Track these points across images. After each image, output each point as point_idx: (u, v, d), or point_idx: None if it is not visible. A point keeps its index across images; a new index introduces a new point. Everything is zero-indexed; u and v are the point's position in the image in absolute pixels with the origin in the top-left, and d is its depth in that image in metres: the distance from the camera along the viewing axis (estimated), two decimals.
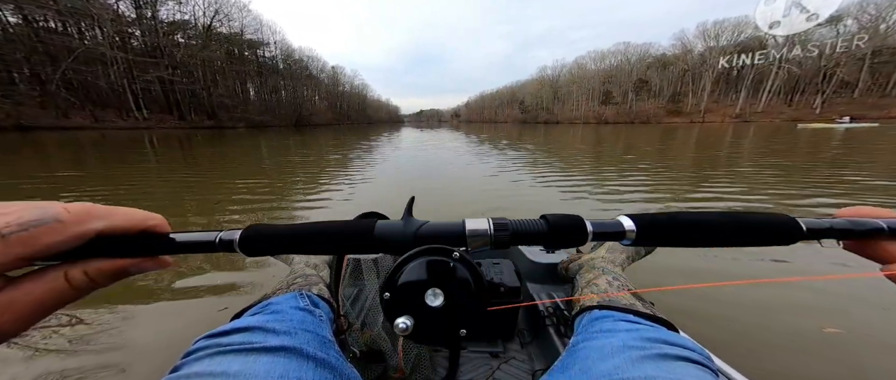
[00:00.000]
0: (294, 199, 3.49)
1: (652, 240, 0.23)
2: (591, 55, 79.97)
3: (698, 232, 0.22)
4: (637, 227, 0.22)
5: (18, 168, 5.53)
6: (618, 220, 0.23)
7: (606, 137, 14.58)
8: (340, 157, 7.38)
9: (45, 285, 0.17)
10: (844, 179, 4.01)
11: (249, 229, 0.23)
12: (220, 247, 0.22)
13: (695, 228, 0.22)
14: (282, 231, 0.23)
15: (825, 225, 0.21)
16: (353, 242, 0.23)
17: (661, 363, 0.33)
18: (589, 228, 0.23)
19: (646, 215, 0.23)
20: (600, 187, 3.86)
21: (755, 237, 0.22)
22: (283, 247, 0.23)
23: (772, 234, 0.22)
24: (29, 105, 23.64)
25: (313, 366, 0.35)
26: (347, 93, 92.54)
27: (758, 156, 6.57)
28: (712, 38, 60.55)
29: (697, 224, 0.22)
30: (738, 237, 0.22)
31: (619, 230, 0.23)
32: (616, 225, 0.23)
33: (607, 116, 70.79)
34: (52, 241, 0.17)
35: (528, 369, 0.67)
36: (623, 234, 0.22)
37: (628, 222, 0.22)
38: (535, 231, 0.23)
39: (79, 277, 0.18)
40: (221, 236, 0.22)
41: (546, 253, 0.97)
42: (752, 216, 0.22)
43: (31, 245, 0.16)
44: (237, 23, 44.53)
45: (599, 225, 0.23)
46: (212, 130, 28.23)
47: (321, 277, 0.62)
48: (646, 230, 0.22)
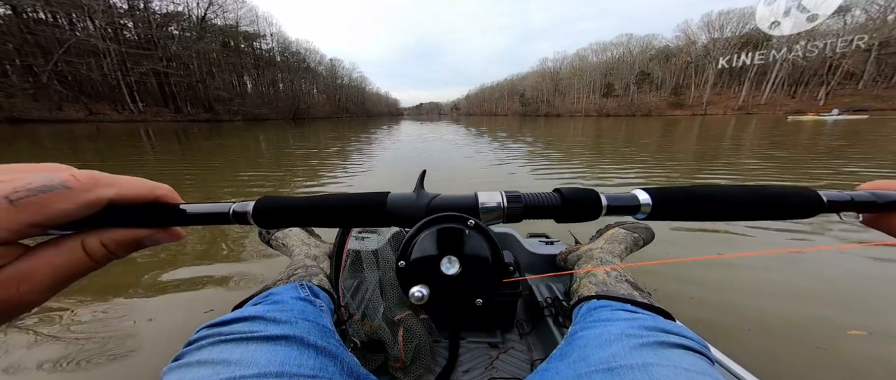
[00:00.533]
0: (298, 191, 3.49)
1: (668, 214, 0.22)
2: (592, 47, 79.05)
3: (715, 205, 0.22)
4: (653, 200, 0.22)
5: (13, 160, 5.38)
6: (633, 193, 0.23)
7: (607, 130, 14.62)
8: (339, 149, 7.45)
9: (64, 254, 0.17)
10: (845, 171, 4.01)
11: (263, 200, 0.23)
12: (234, 218, 0.22)
13: (712, 202, 0.22)
14: (295, 203, 0.23)
15: (846, 197, 0.21)
16: (365, 214, 0.23)
17: (658, 351, 0.34)
18: (603, 202, 0.22)
19: (661, 189, 0.23)
20: (597, 178, 3.89)
21: (774, 210, 0.21)
22: (296, 219, 0.23)
23: (791, 206, 0.21)
24: (21, 98, 23.26)
25: (314, 354, 0.35)
26: (346, 86, 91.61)
27: (759, 148, 6.57)
28: (717, 29, 59.66)
29: (714, 197, 0.22)
30: (757, 210, 0.21)
31: (635, 204, 0.22)
32: (631, 198, 0.22)
33: (609, 108, 70.18)
34: (64, 208, 0.16)
35: (527, 358, 0.67)
36: (638, 208, 0.22)
37: (644, 196, 0.22)
38: (549, 204, 0.22)
39: (96, 246, 0.18)
40: (235, 208, 0.22)
41: (545, 245, 0.97)
42: (771, 189, 0.22)
43: (42, 212, 0.16)
44: (232, 14, 43.71)
45: (614, 198, 0.22)
46: (209, 123, 27.94)
47: (321, 268, 0.62)
48: (661, 204, 0.22)
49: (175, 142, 9.22)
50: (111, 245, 0.18)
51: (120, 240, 0.19)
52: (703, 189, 0.22)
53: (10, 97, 22.63)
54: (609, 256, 0.67)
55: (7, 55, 24.09)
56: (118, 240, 0.19)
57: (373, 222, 0.23)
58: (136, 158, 5.88)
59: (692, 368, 0.32)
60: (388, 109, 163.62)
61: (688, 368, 0.31)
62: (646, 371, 0.31)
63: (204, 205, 0.22)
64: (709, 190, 0.22)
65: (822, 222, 1.95)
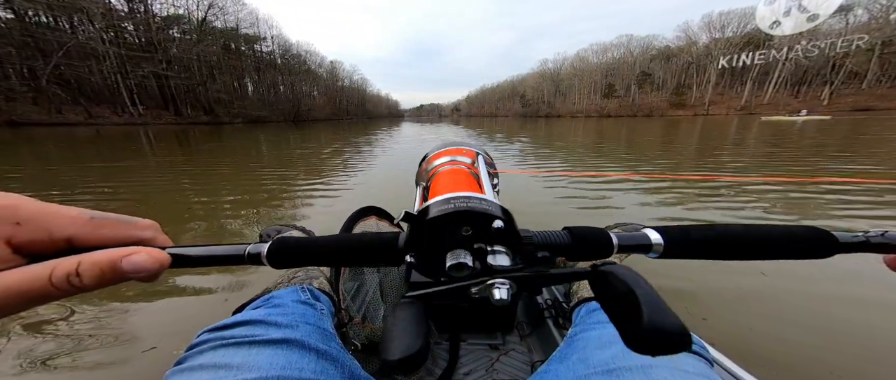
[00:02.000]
0: (297, 195, 3.51)
1: (680, 253, 0.22)
2: (592, 48, 78.91)
3: (729, 245, 0.22)
4: (665, 240, 0.22)
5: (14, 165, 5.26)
6: (644, 232, 0.23)
7: (606, 130, 15.03)
8: (340, 151, 7.57)
9: (25, 277, 0.16)
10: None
11: (277, 242, 0.23)
12: (249, 260, 0.22)
13: (724, 242, 0.22)
14: (308, 243, 0.23)
15: (860, 238, 0.21)
16: (379, 254, 0.23)
17: None
18: (614, 241, 0.22)
19: (672, 228, 0.23)
20: (598, 179, 3.97)
21: (787, 250, 0.21)
22: (310, 259, 0.23)
23: (805, 247, 0.21)
24: (21, 101, 23.22)
25: (315, 358, 0.35)
26: (346, 87, 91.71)
27: (753, 145, 6.94)
28: (718, 29, 59.43)
29: (726, 237, 0.22)
30: (770, 250, 0.21)
31: (646, 243, 0.22)
32: (642, 237, 0.22)
33: (610, 109, 69.98)
34: (37, 238, 0.17)
35: (527, 360, 0.68)
36: (650, 247, 0.22)
37: (655, 235, 0.22)
38: (559, 243, 0.22)
39: (65, 272, 0.17)
40: (249, 249, 0.22)
41: None
42: (784, 229, 0.22)
43: (17, 237, 0.16)
44: (232, 17, 43.76)
45: (625, 237, 0.22)
46: (209, 125, 27.93)
47: (322, 271, 0.63)
48: (674, 243, 0.22)
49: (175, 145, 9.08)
50: (83, 269, 0.17)
51: (94, 261, 0.18)
52: (715, 229, 0.22)
53: (10, 100, 22.59)
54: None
55: (8, 58, 24.08)
56: (94, 260, 0.18)
57: (387, 263, 0.23)
58: (130, 162, 5.72)
59: (691, 369, 0.32)
60: (388, 111, 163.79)
61: (687, 370, 0.32)
62: (645, 373, 0.31)
63: (215, 247, 0.22)
64: (720, 230, 0.22)
65: None
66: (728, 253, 0.22)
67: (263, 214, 2.79)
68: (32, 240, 0.17)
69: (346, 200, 3.29)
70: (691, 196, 3.08)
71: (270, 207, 3.04)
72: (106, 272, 0.18)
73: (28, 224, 0.17)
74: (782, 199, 2.88)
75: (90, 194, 3.43)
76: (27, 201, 0.17)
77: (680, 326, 0.15)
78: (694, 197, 3.04)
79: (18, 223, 0.17)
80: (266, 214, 2.80)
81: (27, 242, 0.17)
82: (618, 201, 2.95)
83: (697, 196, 3.06)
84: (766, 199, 2.87)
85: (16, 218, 0.17)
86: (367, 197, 3.43)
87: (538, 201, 3.03)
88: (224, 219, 2.66)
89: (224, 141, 10.59)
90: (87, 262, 0.17)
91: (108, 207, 3.07)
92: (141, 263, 0.18)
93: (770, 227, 0.22)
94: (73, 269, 0.17)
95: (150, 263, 0.19)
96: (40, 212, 0.17)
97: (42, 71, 24.56)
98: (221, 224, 2.53)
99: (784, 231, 0.21)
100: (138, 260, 0.19)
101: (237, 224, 2.53)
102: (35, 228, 0.17)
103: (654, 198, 3.06)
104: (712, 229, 0.22)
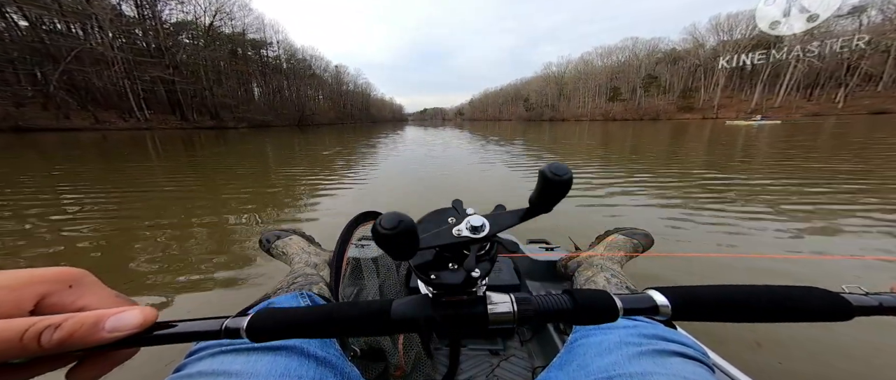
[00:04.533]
0: (300, 200, 3.50)
1: (689, 315, 0.22)
2: (597, 51, 78.39)
3: (739, 307, 0.21)
4: (671, 302, 0.22)
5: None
6: (648, 295, 0.22)
7: (612, 135, 15.40)
8: (344, 154, 7.65)
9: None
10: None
11: (257, 316, 0.22)
12: (226, 335, 0.21)
13: (735, 303, 0.22)
14: (292, 318, 0.22)
15: (874, 303, 0.21)
16: (368, 325, 0.22)
17: (657, 359, 0.34)
18: (618, 304, 0.22)
19: (679, 289, 0.23)
20: (592, 185, 4.02)
21: (796, 313, 0.21)
22: (292, 332, 0.22)
23: (816, 311, 0.21)
24: (30, 106, 23.47)
25: (314, 364, 0.35)
26: (351, 92, 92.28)
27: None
28: (726, 31, 58.56)
29: (738, 299, 0.21)
30: (779, 313, 0.21)
31: (652, 306, 0.22)
32: (647, 300, 0.22)
33: (615, 112, 69.20)
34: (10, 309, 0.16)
35: (527, 366, 0.68)
36: (656, 309, 0.22)
37: (660, 298, 0.22)
38: (561, 308, 0.22)
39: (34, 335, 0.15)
40: (227, 324, 0.21)
41: (546, 251, 0.97)
42: (793, 291, 0.22)
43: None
44: (239, 22, 44.28)
45: (629, 300, 0.22)
46: (214, 130, 28.03)
47: (321, 276, 0.63)
48: (681, 306, 0.22)
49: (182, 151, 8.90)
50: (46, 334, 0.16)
51: (61, 324, 0.16)
52: (724, 290, 0.22)
53: (19, 106, 22.84)
54: (609, 263, 0.66)
55: (18, 64, 24.40)
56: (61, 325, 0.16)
57: (376, 332, 0.23)
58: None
59: (691, 376, 0.32)
60: (392, 115, 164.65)
61: (687, 376, 0.32)
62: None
63: (189, 323, 0.21)
64: (730, 291, 0.22)
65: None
66: (738, 315, 0.22)
67: (264, 215, 2.78)
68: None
69: (346, 201, 3.33)
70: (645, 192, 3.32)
71: (271, 208, 3.05)
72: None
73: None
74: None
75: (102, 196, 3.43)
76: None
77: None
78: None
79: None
80: (266, 215, 2.79)
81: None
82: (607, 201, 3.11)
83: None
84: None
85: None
86: (367, 197, 3.50)
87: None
88: (225, 217, 2.68)
89: (231, 146, 10.57)
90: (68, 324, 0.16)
91: (110, 208, 3.06)
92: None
93: (780, 288, 0.22)
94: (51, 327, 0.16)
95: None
96: None
97: (51, 76, 24.86)
98: (222, 222, 2.56)
99: (794, 293, 0.21)
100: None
101: (238, 226, 2.51)
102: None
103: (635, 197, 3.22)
104: (721, 290, 0.22)
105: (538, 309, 0.22)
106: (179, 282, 1.57)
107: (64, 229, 2.42)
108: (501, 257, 0.93)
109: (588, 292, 0.22)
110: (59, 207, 3.06)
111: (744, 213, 2.56)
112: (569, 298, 0.22)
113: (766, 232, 2.12)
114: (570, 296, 0.22)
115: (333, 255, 0.58)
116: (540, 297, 0.22)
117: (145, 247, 2.05)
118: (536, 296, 0.22)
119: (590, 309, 0.22)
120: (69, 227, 2.48)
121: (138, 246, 2.07)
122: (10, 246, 2.11)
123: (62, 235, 2.29)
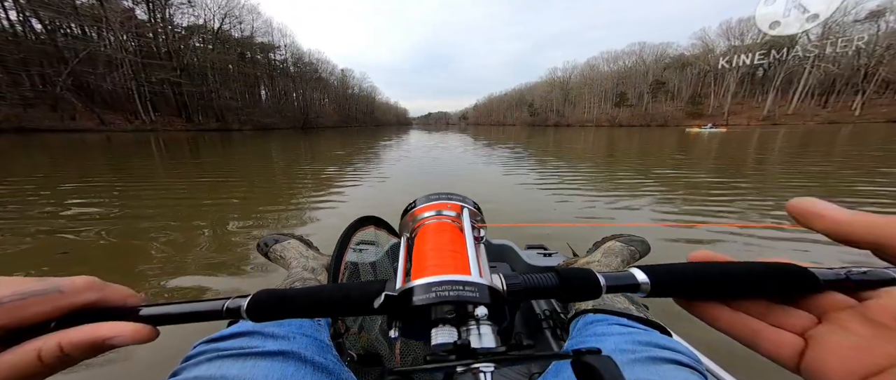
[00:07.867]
0: (303, 202, 3.50)
1: (665, 291, 0.23)
2: (603, 56, 77.78)
3: (715, 283, 0.22)
4: (650, 279, 0.23)
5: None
6: (630, 272, 0.24)
7: (617, 140, 15.50)
8: (346, 157, 7.67)
9: (14, 358, 0.17)
10: None
11: (257, 296, 0.23)
12: (227, 314, 0.22)
13: (707, 279, 0.23)
14: (288, 295, 0.23)
15: (841, 276, 0.22)
16: (360, 306, 0.23)
17: (650, 367, 0.35)
18: (601, 281, 0.23)
19: (658, 267, 0.24)
20: (590, 187, 4.03)
21: (771, 287, 0.22)
22: (291, 312, 0.23)
23: (786, 285, 0.22)
24: (38, 107, 23.66)
25: (311, 370, 0.35)
26: (356, 95, 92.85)
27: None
28: (737, 36, 57.63)
29: (710, 274, 0.23)
30: (755, 288, 0.22)
31: (633, 283, 0.23)
32: (628, 277, 0.23)
33: (621, 118, 68.29)
34: (41, 310, 0.17)
35: (524, 372, 0.69)
36: (637, 286, 0.23)
37: (641, 275, 0.23)
38: (548, 285, 0.23)
39: (52, 351, 0.17)
40: (228, 305, 0.22)
41: (543, 257, 0.97)
42: (764, 266, 0.23)
43: (16, 315, 0.16)
44: (248, 26, 44.81)
45: (611, 278, 0.23)
46: (219, 132, 28.06)
47: (319, 281, 0.63)
48: (660, 282, 0.23)
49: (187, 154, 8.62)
50: (67, 347, 0.18)
51: (77, 341, 0.18)
52: (696, 266, 0.23)
53: (28, 107, 23.03)
54: (606, 270, 0.57)
55: (30, 65, 24.69)
56: (75, 341, 0.18)
57: (367, 312, 0.24)
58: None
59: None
60: (396, 119, 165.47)
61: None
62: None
63: (193, 304, 0.22)
64: (701, 266, 0.23)
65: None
66: (710, 292, 0.23)
67: (264, 219, 2.78)
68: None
69: (347, 203, 3.35)
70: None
71: (271, 210, 3.06)
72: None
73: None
74: None
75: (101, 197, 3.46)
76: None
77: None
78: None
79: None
80: (267, 219, 2.79)
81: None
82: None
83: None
84: None
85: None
86: (367, 200, 3.50)
87: (538, 208, 3.10)
88: (225, 220, 2.70)
89: (236, 148, 10.43)
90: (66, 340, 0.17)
91: (110, 208, 3.04)
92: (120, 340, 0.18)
93: (750, 264, 0.23)
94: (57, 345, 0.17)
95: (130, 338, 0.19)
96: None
97: (57, 77, 25.11)
98: (223, 223, 2.59)
99: (764, 268, 0.22)
100: (119, 341, 0.18)
101: (239, 229, 2.51)
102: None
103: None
104: (693, 267, 0.23)
105: (527, 286, 0.23)
106: (179, 283, 1.58)
107: (64, 230, 2.40)
108: (499, 263, 0.96)
109: (573, 270, 0.24)
110: (58, 208, 3.08)
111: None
112: (555, 275, 0.23)
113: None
114: (556, 274, 0.23)
115: (331, 259, 0.56)
116: (527, 276, 0.23)
117: (144, 248, 2.06)
118: (524, 275, 0.24)
119: (575, 285, 0.23)
120: (70, 227, 2.48)
121: (137, 245, 2.10)
122: (11, 245, 2.12)
123: (62, 236, 2.29)
